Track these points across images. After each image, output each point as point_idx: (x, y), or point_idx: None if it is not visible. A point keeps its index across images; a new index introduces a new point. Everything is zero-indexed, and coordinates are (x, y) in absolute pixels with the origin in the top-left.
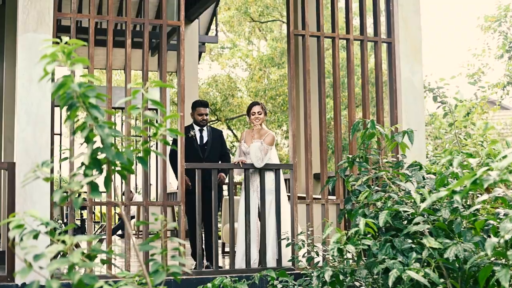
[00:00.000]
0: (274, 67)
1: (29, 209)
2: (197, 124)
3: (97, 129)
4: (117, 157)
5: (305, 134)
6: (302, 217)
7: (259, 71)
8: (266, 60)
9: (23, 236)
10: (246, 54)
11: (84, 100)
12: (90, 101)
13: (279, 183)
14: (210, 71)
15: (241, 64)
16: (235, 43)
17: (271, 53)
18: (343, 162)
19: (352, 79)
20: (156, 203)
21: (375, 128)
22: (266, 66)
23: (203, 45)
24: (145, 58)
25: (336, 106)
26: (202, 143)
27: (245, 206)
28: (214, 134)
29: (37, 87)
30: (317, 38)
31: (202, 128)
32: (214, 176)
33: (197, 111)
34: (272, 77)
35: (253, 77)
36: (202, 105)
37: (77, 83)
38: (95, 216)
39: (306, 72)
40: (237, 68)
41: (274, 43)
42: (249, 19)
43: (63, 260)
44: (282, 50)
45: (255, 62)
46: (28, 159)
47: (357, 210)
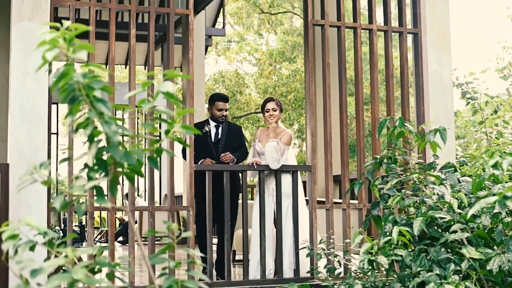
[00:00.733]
0: (285, 61)
1: (24, 215)
2: (214, 120)
3: (102, 125)
4: (125, 157)
5: (324, 133)
6: (321, 223)
7: (268, 66)
8: (276, 55)
9: (18, 247)
10: (254, 48)
11: (88, 93)
12: (95, 94)
13: (296, 186)
14: (216, 66)
15: (249, 59)
16: (243, 36)
17: (282, 47)
18: (370, 164)
19: (375, 73)
20: (163, 208)
21: (404, 126)
22: (277, 61)
23: (210, 38)
24: (150, 50)
25: (359, 102)
26: (217, 139)
27: (259, 211)
28: (231, 130)
29: (33, 81)
30: (337, 28)
31: (218, 124)
32: (226, 178)
33: (216, 106)
34: (283, 73)
35: (262, 72)
36: (221, 99)
37: (81, 73)
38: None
39: (326, 65)
40: (245, 63)
41: (285, 36)
42: (259, 10)
43: (65, 276)
44: (293, 43)
45: (264, 56)
46: (23, 160)
47: (387, 216)
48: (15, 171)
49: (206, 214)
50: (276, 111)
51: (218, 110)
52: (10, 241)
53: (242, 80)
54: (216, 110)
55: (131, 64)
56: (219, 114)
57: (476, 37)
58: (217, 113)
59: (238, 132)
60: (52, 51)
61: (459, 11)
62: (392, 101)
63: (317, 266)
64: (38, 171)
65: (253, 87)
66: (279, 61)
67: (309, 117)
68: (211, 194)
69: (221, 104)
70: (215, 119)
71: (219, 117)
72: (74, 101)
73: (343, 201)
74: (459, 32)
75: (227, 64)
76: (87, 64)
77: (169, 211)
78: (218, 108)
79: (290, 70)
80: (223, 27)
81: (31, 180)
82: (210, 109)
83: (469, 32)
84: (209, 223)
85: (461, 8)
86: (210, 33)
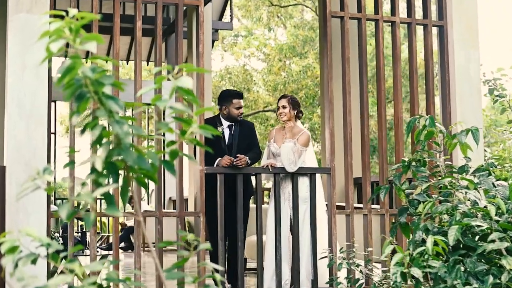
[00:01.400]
0: (296, 57)
1: (23, 222)
2: (229, 119)
3: (113, 125)
4: (139, 161)
5: (344, 133)
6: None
7: (278, 62)
8: (286, 50)
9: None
10: (263, 42)
11: (98, 89)
12: (105, 91)
13: (314, 189)
14: (222, 62)
15: (258, 54)
16: (251, 30)
17: (293, 42)
18: (397, 167)
19: (398, 68)
20: (171, 213)
21: (435, 125)
22: (287, 56)
23: (216, 32)
24: (158, 43)
25: (381, 100)
26: (230, 142)
27: (275, 217)
28: (244, 129)
29: (32, 75)
30: (357, 20)
31: (231, 124)
32: (239, 182)
33: (234, 104)
34: (294, 69)
35: (271, 68)
36: (238, 96)
37: (89, 67)
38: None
39: (346, 60)
40: (253, 59)
41: (295, 30)
42: (268, 3)
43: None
44: (304, 38)
45: (273, 51)
46: (21, 160)
47: (417, 224)
48: (12, 172)
49: (218, 220)
50: (286, 108)
51: (237, 108)
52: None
53: (250, 76)
54: (234, 109)
55: (136, 59)
56: (238, 112)
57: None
58: (236, 111)
59: (251, 130)
60: (57, 42)
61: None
62: (417, 99)
63: (337, 276)
64: (41, 177)
65: (262, 84)
66: (289, 56)
67: (327, 116)
68: (223, 198)
69: (239, 102)
70: (231, 118)
71: (237, 116)
72: (82, 98)
73: (364, 206)
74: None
75: (234, 59)
76: (95, 57)
77: (178, 217)
78: (236, 106)
79: (301, 66)
80: (230, 20)
81: (33, 187)
82: (225, 108)
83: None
84: (220, 230)
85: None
86: (216, 27)
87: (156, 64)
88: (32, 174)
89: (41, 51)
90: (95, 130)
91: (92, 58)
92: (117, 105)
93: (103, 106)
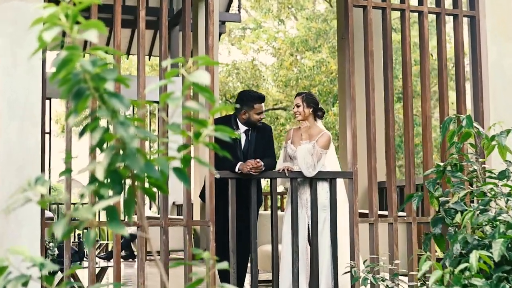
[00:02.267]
0: (309, 51)
1: (14, 233)
2: (247, 124)
3: (116, 128)
4: (147, 169)
5: (367, 134)
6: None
7: (289, 57)
8: (298, 43)
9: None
10: (273, 36)
11: (99, 85)
12: (107, 87)
13: (335, 196)
14: (229, 56)
15: (267, 48)
16: (260, 23)
17: (305, 35)
18: (431, 172)
19: (426, 63)
20: (178, 222)
21: (473, 126)
22: (299, 50)
23: (223, 24)
24: (163, 35)
25: (407, 98)
26: (246, 148)
27: (291, 225)
28: (261, 134)
29: (25, 71)
30: (381, 10)
31: (248, 129)
32: (253, 189)
33: (256, 109)
34: (306, 64)
35: (282, 63)
36: (260, 99)
37: (89, 60)
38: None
39: (369, 53)
40: (262, 53)
41: (308, 22)
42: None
43: None
44: (317, 31)
45: (284, 45)
46: (13, 165)
47: (456, 235)
48: (4, 177)
49: (228, 230)
50: (300, 107)
51: (258, 113)
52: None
53: (259, 72)
54: (255, 114)
55: (139, 52)
56: (259, 118)
57: None
58: (256, 117)
59: (268, 134)
60: (51, 31)
61: None
62: (446, 96)
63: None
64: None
65: (271, 80)
66: (302, 50)
67: (349, 114)
68: (234, 206)
69: (261, 106)
70: (250, 123)
71: (258, 121)
72: (80, 95)
73: (390, 213)
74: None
75: (241, 54)
76: (95, 48)
77: (185, 226)
78: (258, 111)
79: (314, 60)
80: (238, 11)
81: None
82: (245, 113)
83: None
84: (232, 241)
85: None
86: (223, 19)
87: (161, 58)
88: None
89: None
90: (95, 133)
91: (92, 49)
92: (122, 104)
93: (105, 105)
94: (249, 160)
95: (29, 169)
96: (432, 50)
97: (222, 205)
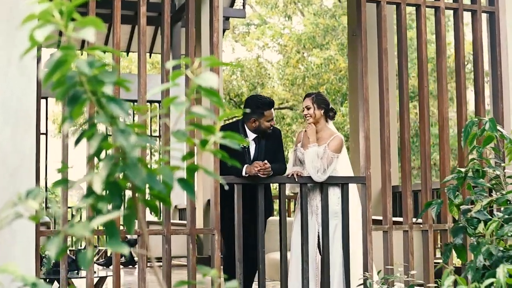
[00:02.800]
0: (316, 48)
1: (7, 243)
2: (257, 132)
3: (116, 135)
4: (150, 180)
5: (381, 136)
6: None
7: (296, 54)
8: (305, 40)
9: None
10: (279, 32)
11: (96, 89)
12: (105, 91)
13: (347, 202)
14: (233, 54)
15: (273, 45)
16: (265, 19)
17: (312, 31)
18: (451, 178)
19: (443, 62)
20: (181, 230)
21: (496, 129)
22: (306, 47)
23: (227, 20)
24: (165, 32)
25: (423, 98)
26: (255, 156)
27: (301, 233)
28: (271, 142)
29: (18, 72)
30: (396, 5)
31: (257, 136)
32: (260, 195)
33: (267, 117)
34: (314, 61)
35: (288, 61)
36: (271, 105)
37: (86, 61)
38: None
39: (383, 51)
40: (268, 51)
41: (315, 18)
42: None
43: None
44: (325, 27)
45: (291, 42)
46: (5, 171)
47: (479, 247)
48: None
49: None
50: (310, 109)
51: (268, 120)
52: None
53: (265, 70)
54: (266, 122)
55: (140, 49)
56: (269, 125)
57: None
58: (267, 124)
59: (278, 139)
60: (43, 29)
61: None
62: (464, 97)
63: None
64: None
65: (277, 79)
66: (309, 47)
67: (362, 116)
68: (241, 213)
69: (271, 112)
70: (260, 131)
71: (268, 129)
72: (76, 100)
73: (405, 221)
74: None
75: (246, 51)
76: (93, 48)
77: (189, 234)
78: (268, 118)
79: (322, 58)
80: (243, 7)
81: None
82: (255, 121)
83: None
84: (239, 251)
85: None
86: (227, 14)
87: (163, 56)
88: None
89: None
90: (92, 141)
91: (89, 49)
92: (121, 109)
93: (103, 110)
94: (257, 162)
95: (23, 175)
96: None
97: (228, 211)
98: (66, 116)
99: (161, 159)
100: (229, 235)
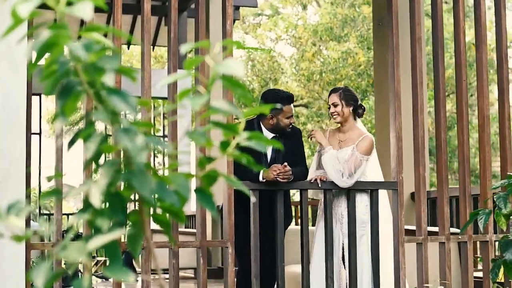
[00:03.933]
0: (334, 41)
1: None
2: (273, 130)
3: (117, 136)
4: (160, 191)
5: (414, 137)
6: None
7: (311, 47)
8: (322, 32)
9: None
10: (293, 23)
11: (94, 78)
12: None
13: (376, 210)
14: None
15: (286, 37)
16: (278, 8)
17: (329, 22)
18: (501, 184)
19: (483, 52)
20: (191, 243)
21: None
22: (322, 39)
23: (237, 10)
24: (172, 19)
25: (462, 93)
26: (273, 159)
27: (325, 246)
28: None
29: (6, 66)
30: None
31: (275, 135)
32: (280, 203)
33: (286, 113)
34: (331, 55)
35: (303, 54)
36: (290, 99)
37: (81, 44)
38: None
39: (416, 41)
40: (281, 43)
41: (332, 8)
42: None
43: None
44: (344, 17)
45: (306, 34)
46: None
47: None
48: None
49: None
50: (338, 106)
51: (287, 117)
52: None
53: (278, 64)
54: (285, 119)
55: (145, 39)
56: (289, 122)
57: None
58: (286, 121)
59: (298, 139)
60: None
61: None
62: (507, 92)
63: None
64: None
65: (291, 74)
66: (326, 40)
67: (392, 114)
68: (258, 223)
69: (291, 108)
70: (278, 129)
71: (287, 127)
72: (69, 92)
73: (441, 231)
74: None
75: (257, 43)
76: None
77: (199, 247)
78: (287, 115)
79: (340, 51)
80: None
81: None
82: (272, 117)
83: None
84: (255, 265)
85: None
86: (237, 3)
87: (169, 47)
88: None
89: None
90: (89, 143)
91: (85, 29)
92: (126, 104)
93: (103, 105)
94: (275, 165)
95: (13, 181)
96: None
97: (243, 218)
98: (58, 113)
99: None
100: (243, 246)
